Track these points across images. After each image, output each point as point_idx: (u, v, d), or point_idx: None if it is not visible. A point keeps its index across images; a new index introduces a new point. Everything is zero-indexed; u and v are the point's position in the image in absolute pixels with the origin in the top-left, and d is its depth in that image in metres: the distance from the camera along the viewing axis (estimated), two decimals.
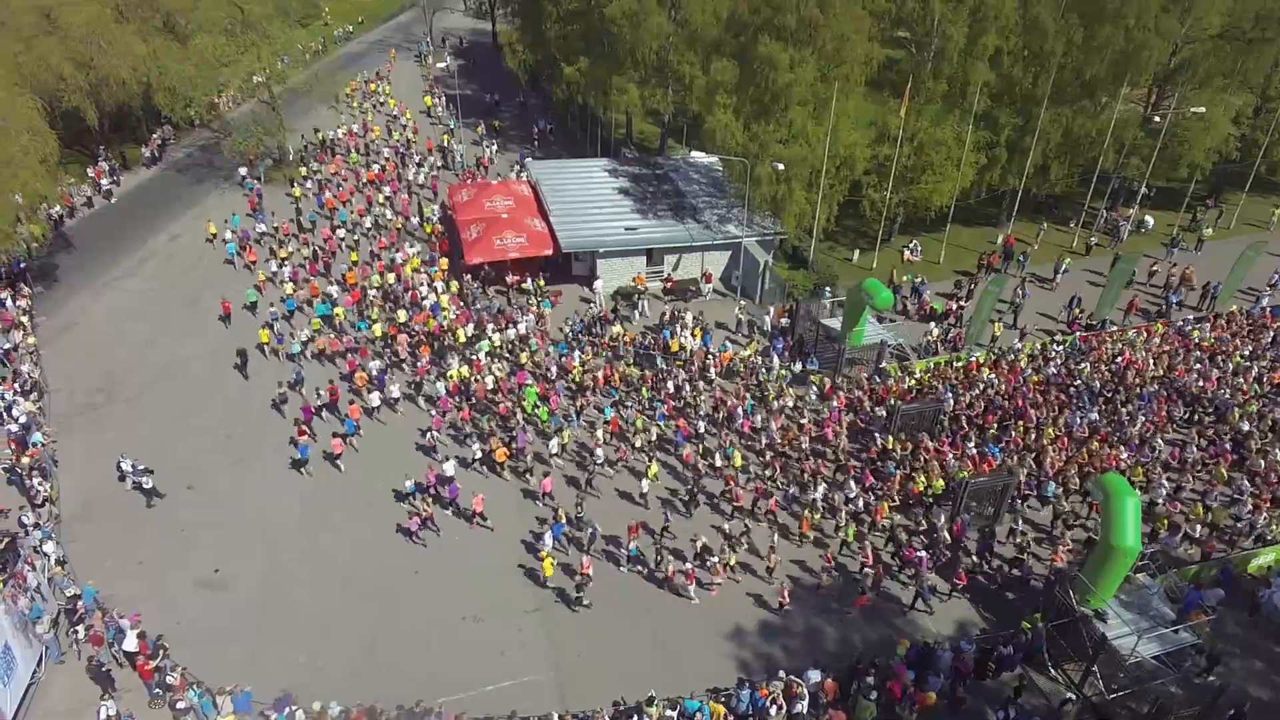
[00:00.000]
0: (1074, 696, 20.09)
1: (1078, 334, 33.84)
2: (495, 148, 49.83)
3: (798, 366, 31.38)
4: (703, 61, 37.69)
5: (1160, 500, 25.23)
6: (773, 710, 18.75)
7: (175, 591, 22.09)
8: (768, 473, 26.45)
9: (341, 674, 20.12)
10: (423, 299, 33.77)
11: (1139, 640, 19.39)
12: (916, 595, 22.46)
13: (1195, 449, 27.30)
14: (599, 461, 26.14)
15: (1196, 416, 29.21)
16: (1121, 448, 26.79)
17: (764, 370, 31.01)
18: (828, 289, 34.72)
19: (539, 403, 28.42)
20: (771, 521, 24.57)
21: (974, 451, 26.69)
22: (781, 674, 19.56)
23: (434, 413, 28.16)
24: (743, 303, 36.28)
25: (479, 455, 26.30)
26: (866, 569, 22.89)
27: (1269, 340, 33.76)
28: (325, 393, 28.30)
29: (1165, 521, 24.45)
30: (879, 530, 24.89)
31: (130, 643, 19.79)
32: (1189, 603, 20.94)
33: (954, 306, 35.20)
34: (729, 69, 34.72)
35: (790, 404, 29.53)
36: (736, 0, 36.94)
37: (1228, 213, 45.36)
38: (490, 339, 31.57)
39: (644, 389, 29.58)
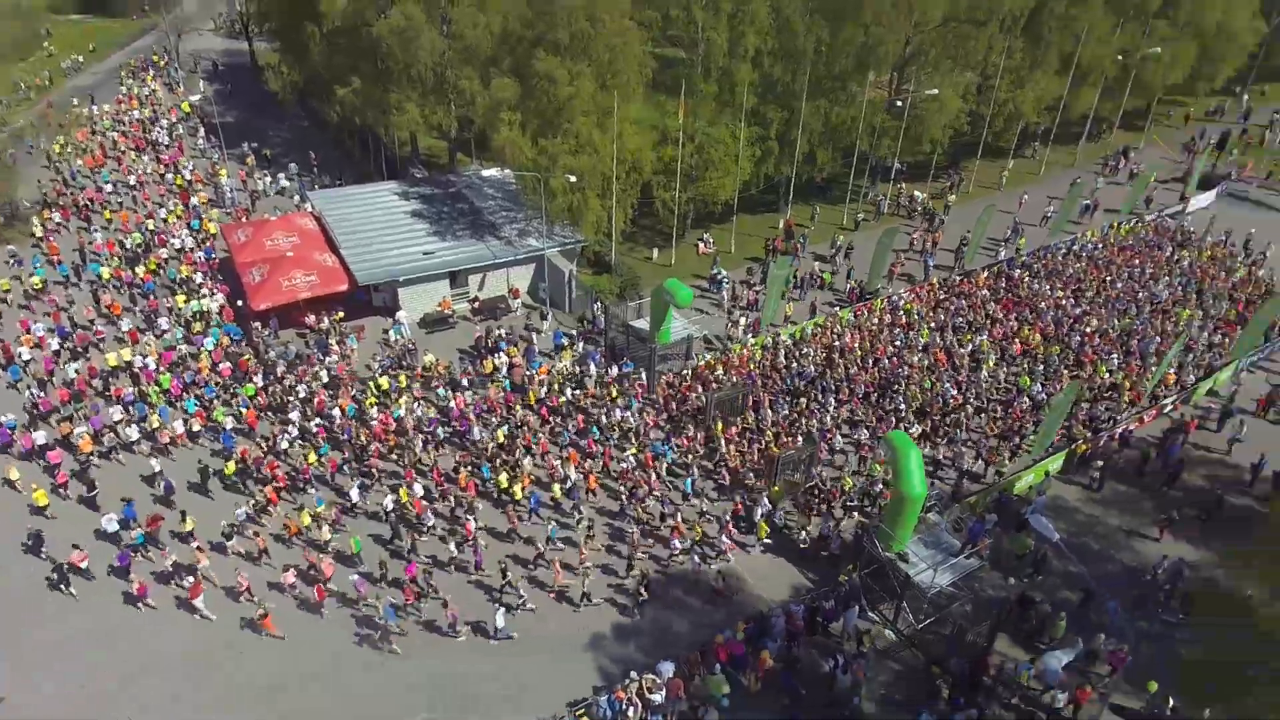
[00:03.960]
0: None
1: (813, 319, 36.47)
2: (269, 179, 46.74)
3: (613, 370, 32.26)
4: (481, 77, 37.43)
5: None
6: (630, 712, 19.35)
7: None
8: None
9: None
10: (173, 245, 38.32)
11: (935, 573, 22.00)
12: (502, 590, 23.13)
13: (865, 430, 29.16)
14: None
15: (875, 398, 30.71)
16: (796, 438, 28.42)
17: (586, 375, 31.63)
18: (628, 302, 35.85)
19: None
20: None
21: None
22: (632, 674, 20.18)
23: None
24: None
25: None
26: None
27: (953, 309, 36.66)
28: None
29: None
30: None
31: None
32: (973, 533, 23.90)
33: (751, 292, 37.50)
34: (509, 86, 34.75)
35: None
36: (508, 16, 36.97)
37: (965, 179, 51.87)
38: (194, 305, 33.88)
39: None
